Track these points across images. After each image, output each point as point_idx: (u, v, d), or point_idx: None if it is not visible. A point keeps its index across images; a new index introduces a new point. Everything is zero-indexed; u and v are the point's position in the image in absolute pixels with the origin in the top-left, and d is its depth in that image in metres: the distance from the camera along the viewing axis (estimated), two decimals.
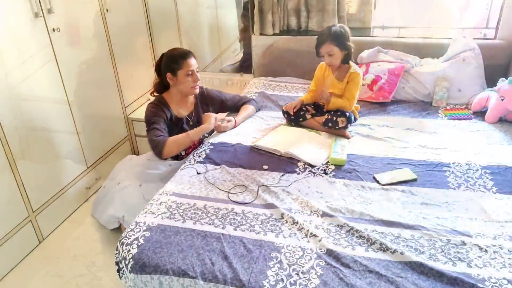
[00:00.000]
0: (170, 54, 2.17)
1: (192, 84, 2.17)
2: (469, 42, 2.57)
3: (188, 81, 2.15)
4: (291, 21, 3.06)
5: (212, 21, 3.51)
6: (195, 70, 2.16)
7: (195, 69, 2.16)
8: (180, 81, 2.15)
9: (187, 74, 2.14)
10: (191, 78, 2.15)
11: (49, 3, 2.20)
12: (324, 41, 2.15)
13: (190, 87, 2.17)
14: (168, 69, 2.15)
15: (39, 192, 2.31)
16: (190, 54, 2.16)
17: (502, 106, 2.21)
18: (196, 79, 2.17)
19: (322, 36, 2.16)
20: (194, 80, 2.17)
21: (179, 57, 2.13)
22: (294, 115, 2.29)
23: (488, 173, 1.83)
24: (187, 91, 2.20)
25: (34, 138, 2.23)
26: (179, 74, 2.14)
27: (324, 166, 1.94)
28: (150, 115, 2.16)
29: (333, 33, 2.13)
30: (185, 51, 2.17)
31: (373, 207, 1.65)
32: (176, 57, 2.14)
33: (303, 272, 1.36)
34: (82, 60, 2.53)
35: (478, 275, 1.32)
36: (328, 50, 2.15)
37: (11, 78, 2.06)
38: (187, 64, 2.13)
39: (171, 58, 2.15)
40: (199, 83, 2.21)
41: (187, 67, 2.13)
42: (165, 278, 1.41)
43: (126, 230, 1.60)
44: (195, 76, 2.16)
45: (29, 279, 2.12)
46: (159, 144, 2.06)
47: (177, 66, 2.12)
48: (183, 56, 2.13)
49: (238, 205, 1.70)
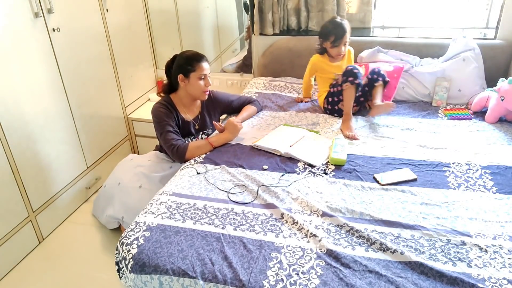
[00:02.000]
0: (184, 55, 2.14)
1: (204, 89, 2.15)
2: (469, 42, 2.56)
3: (199, 84, 2.13)
4: (291, 21, 3.06)
5: (212, 21, 3.51)
6: (208, 74, 2.14)
7: (208, 73, 2.14)
8: (191, 83, 2.13)
9: (200, 78, 2.11)
10: (203, 82, 2.13)
11: (49, 3, 2.20)
12: (344, 33, 2.35)
13: (201, 91, 2.15)
14: (181, 70, 2.12)
15: (39, 192, 2.31)
16: (204, 58, 2.14)
17: (502, 106, 2.21)
18: (208, 84, 2.15)
19: (342, 29, 2.35)
20: (206, 85, 2.14)
21: (194, 59, 2.10)
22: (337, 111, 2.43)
23: (488, 173, 1.83)
24: (197, 95, 2.18)
25: (34, 138, 2.23)
26: (192, 76, 2.11)
27: (324, 166, 1.94)
28: (161, 116, 2.12)
29: (347, 24, 2.37)
30: (200, 54, 2.14)
31: (373, 207, 1.65)
32: (191, 59, 2.11)
33: (303, 272, 1.36)
34: (82, 60, 2.53)
35: (478, 275, 1.32)
36: (346, 40, 2.39)
37: (11, 78, 2.06)
38: (201, 67, 2.10)
39: (185, 59, 2.11)
40: (209, 88, 2.19)
41: (200, 70, 2.10)
42: (165, 278, 1.41)
43: (126, 230, 1.60)
44: (207, 80, 2.14)
45: (29, 279, 2.12)
46: (179, 149, 2.06)
47: (191, 68, 2.10)
48: (198, 59, 2.11)
49: (238, 205, 1.70)
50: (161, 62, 3.37)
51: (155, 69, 3.41)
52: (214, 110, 2.35)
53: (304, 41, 2.94)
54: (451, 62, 2.56)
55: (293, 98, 2.70)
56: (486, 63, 2.55)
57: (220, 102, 2.37)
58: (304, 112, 2.51)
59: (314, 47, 2.54)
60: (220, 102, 2.37)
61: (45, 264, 2.21)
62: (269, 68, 3.07)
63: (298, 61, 2.95)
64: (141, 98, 3.23)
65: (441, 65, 2.58)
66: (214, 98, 2.34)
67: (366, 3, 2.98)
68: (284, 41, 3.00)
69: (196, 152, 2.08)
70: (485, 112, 2.33)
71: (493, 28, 2.74)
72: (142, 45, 3.20)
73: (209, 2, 3.46)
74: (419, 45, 2.77)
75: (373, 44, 2.77)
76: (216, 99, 2.35)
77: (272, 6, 2.95)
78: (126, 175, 2.28)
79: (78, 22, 2.47)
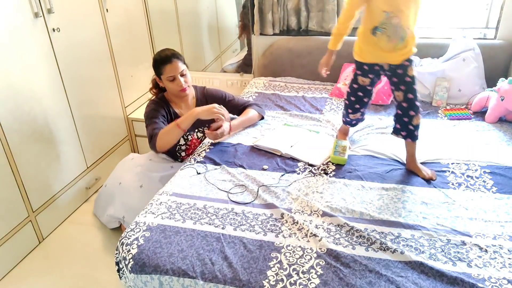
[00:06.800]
0: (154, 58, 2.14)
1: (178, 88, 2.13)
2: (469, 42, 2.56)
3: (172, 86, 2.13)
4: (291, 21, 3.06)
5: (212, 21, 3.51)
6: (177, 74, 2.09)
7: (177, 74, 2.09)
8: (165, 85, 2.16)
9: (169, 79, 2.11)
10: (174, 83, 2.11)
11: (49, 3, 2.20)
12: None
13: (176, 91, 2.14)
14: (155, 72, 2.16)
15: (39, 192, 2.31)
16: (171, 58, 2.08)
17: (502, 106, 2.21)
18: (179, 84, 2.10)
19: None
20: (177, 85, 2.11)
21: (160, 62, 2.10)
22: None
23: (488, 173, 1.83)
24: (175, 94, 2.19)
25: (34, 138, 2.23)
26: (162, 78, 2.13)
27: (325, 166, 1.94)
28: (149, 111, 2.15)
29: None
30: (166, 56, 2.09)
31: (373, 207, 1.65)
32: (158, 63, 2.11)
33: (303, 272, 1.36)
34: (82, 60, 2.53)
35: (478, 275, 1.32)
36: None
37: (11, 78, 2.06)
38: (168, 69, 2.08)
39: (154, 63, 2.13)
40: (187, 85, 2.14)
41: (167, 72, 2.09)
42: (165, 278, 1.41)
43: (126, 230, 1.60)
44: (177, 81, 2.10)
45: (29, 279, 2.12)
46: (153, 138, 2.04)
47: (159, 71, 2.11)
48: (164, 61, 2.08)
49: (238, 205, 1.70)
50: None
51: None
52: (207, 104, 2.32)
53: (304, 41, 2.94)
54: (451, 62, 2.56)
55: (293, 98, 2.70)
56: (486, 63, 2.55)
57: (214, 96, 2.31)
58: (304, 112, 2.51)
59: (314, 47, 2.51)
60: (213, 96, 2.31)
61: (45, 264, 2.21)
62: (269, 68, 3.07)
63: (298, 61, 2.95)
64: (141, 98, 3.23)
65: (441, 65, 2.58)
66: (207, 94, 2.32)
67: None
68: (284, 41, 3.00)
69: (166, 138, 2.00)
70: (485, 112, 2.33)
71: (493, 28, 2.74)
72: (142, 45, 3.20)
73: (209, 2, 3.46)
74: (419, 45, 2.72)
75: None
76: (210, 96, 2.31)
77: (272, 6, 2.95)
78: (126, 174, 2.28)
79: (78, 22, 2.47)
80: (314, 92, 2.77)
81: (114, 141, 2.95)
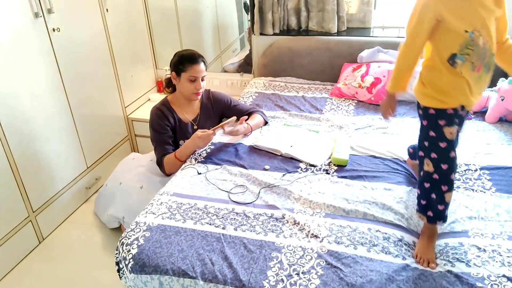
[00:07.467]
0: (180, 53, 2.12)
1: (193, 90, 2.12)
2: None
3: (188, 86, 2.11)
4: (291, 21, 3.06)
5: (212, 20, 3.51)
6: (200, 77, 2.10)
7: (200, 76, 2.09)
8: (181, 83, 2.12)
9: (190, 80, 2.09)
10: (193, 85, 2.10)
11: (49, 3, 2.20)
12: None
13: (190, 92, 2.13)
14: (174, 68, 2.11)
15: (39, 192, 2.31)
16: (199, 60, 2.09)
17: (502, 106, 2.22)
18: (198, 87, 2.11)
19: None
20: (196, 88, 2.11)
21: (187, 59, 2.08)
22: None
23: (487, 173, 1.83)
24: (187, 95, 2.16)
25: (34, 138, 2.23)
26: (182, 76, 2.10)
27: (326, 166, 1.94)
28: (154, 125, 2.13)
29: None
30: (195, 56, 2.09)
31: (375, 207, 1.65)
32: (184, 59, 2.08)
33: (304, 272, 1.36)
34: (82, 60, 2.53)
35: (477, 274, 1.32)
36: None
37: (11, 78, 2.06)
38: (193, 69, 2.07)
39: (179, 58, 2.10)
40: (201, 90, 2.14)
41: (191, 72, 2.08)
42: (165, 278, 1.41)
43: (126, 230, 1.60)
44: (198, 83, 2.10)
45: (29, 279, 2.12)
46: (160, 163, 2.11)
47: (182, 68, 2.08)
48: (192, 60, 2.07)
49: (239, 205, 1.70)
50: (161, 62, 3.37)
51: (155, 69, 3.41)
52: (213, 110, 2.30)
53: (304, 41, 2.94)
54: None
55: (293, 98, 2.69)
56: None
57: (219, 101, 2.31)
58: (304, 112, 2.51)
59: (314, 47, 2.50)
60: (219, 101, 2.31)
61: (45, 264, 2.21)
62: (269, 68, 3.06)
63: (298, 61, 2.95)
64: (141, 98, 3.22)
65: None
66: (213, 98, 2.31)
67: (366, 3, 2.98)
68: (284, 41, 3.00)
69: (170, 167, 2.09)
70: (485, 112, 2.33)
71: None
72: (142, 45, 3.20)
73: (209, 2, 3.46)
74: None
75: (373, 44, 2.77)
76: (216, 100, 2.31)
77: (272, 6, 2.95)
78: (127, 174, 2.28)
79: (78, 22, 2.47)
80: (314, 92, 2.77)
81: (114, 141, 2.95)
